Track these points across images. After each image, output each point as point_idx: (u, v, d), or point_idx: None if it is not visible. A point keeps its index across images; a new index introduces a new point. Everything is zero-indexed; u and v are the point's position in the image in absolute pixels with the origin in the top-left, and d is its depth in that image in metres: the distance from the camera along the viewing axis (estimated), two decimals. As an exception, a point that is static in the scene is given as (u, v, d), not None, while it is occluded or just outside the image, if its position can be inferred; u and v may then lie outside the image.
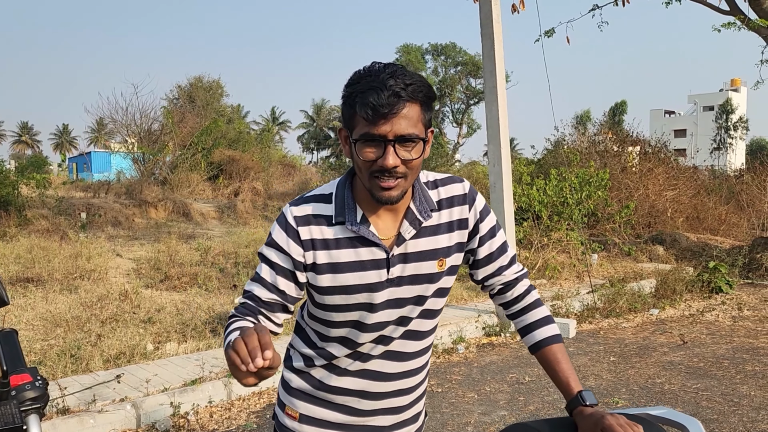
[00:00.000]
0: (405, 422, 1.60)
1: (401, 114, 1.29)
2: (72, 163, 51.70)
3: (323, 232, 1.42)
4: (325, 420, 1.55)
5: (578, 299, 7.73)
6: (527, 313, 1.57)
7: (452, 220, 1.48)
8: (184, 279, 8.46)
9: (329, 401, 1.54)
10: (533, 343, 1.54)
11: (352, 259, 1.41)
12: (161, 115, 25.61)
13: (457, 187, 1.50)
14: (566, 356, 1.50)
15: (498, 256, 1.55)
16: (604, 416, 1.32)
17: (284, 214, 1.45)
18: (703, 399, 4.49)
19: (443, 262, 1.47)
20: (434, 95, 1.36)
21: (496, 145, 6.61)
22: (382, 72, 1.30)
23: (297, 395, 1.57)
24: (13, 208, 13.53)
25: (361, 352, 1.51)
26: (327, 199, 1.45)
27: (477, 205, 1.51)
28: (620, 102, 57.65)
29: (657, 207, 13.60)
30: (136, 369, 4.79)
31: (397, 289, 1.44)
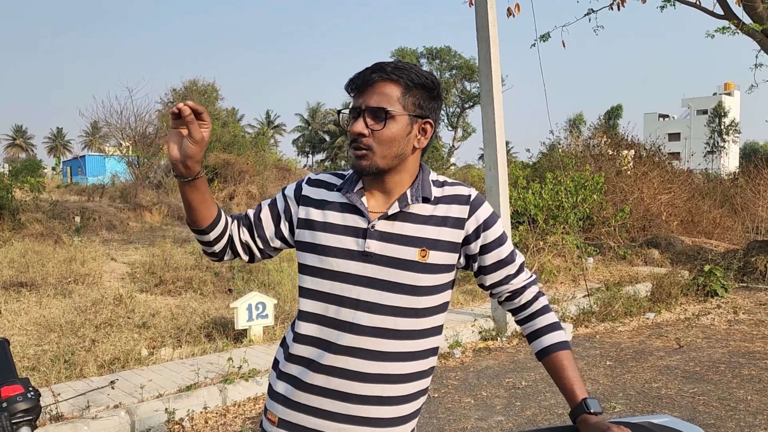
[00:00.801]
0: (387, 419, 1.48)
1: (375, 89, 1.43)
2: (66, 166, 51.53)
3: (323, 195, 1.55)
4: (302, 425, 1.50)
5: (574, 303, 7.73)
6: (535, 319, 1.58)
7: (447, 216, 1.49)
8: (179, 283, 8.43)
9: (306, 404, 1.49)
10: (540, 349, 1.54)
11: (337, 222, 1.50)
12: (156, 118, 25.56)
13: (463, 190, 1.55)
14: (573, 363, 1.50)
15: (505, 265, 1.56)
16: (610, 428, 1.31)
17: (302, 180, 1.62)
18: (699, 404, 4.48)
19: (426, 252, 1.46)
20: (428, 85, 1.46)
21: (493, 148, 6.61)
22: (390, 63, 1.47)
23: (278, 399, 1.55)
24: (7, 212, 13.47)
25: (330, 342, 1.46)
26: (342, 177, 1.58)
27: (480, 213, 1.51)
28: (616, 106, 57.90)
29: (652, 210, 13.63)
30: (130, 375, 4.76)
31: (373, 267, 1.45)
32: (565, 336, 1.55)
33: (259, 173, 25.29)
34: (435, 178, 1.56)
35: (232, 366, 4.71)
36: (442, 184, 1.54)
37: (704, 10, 10.60)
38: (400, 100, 1.43)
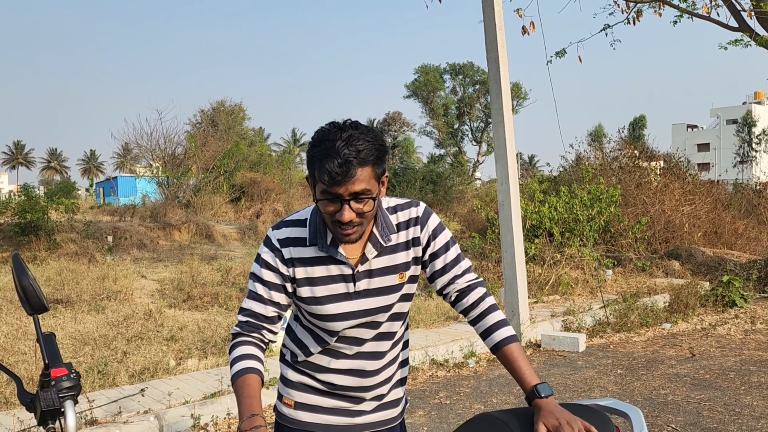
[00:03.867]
0: (385, 405, 1.86)
1: (354, 177, 1.52)
2: (99, 187, 52.85)
3: (300, 252, 1.69)
4: (318, 405, 1.79)
5: (590, 314, 7.84)
6: (484, 318, 1.77)
7: (408, 239, 1.73)
8: (205, 299, 8.76)
9: (320, 389, 1.80)
10: (493, 345, 1.74)
11: (324, 275, 1.68)
12: (185, 139, 26.16)
13: (412, 210, 1.75)
14: (522, 353, 1.71)
15: (451, 268, 1.78)
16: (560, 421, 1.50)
17: (269, 238, 1.72)
18: (705, 409, 4.59)
19: (403, 275, 1.73)
20: (386, 151, 1.61)
21: (504, 164, 6.82)
22: (338, 139, 1.52)
23: (292, 386, 1.82)
24: (43, 232, 14.04)
25: (337, 351, 1.76)
26: (302, 224, 1.71)
27: (429, 225, 1.75)
28: (639, 117, 57.39)
29: (674, 222, 13.61)
30: (159, 383, 5.05)
31: (365, 300, 1.70)
32: (512, 330, 1.76)
33: (285, 191, 25.76)
34: (387, 204, 1.74)
35: (254, 375, 4.96)
36: (394, 210, 1.75)
37: (718, 23, 10.70)
38: (374, 176, 1.57)
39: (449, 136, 56.65)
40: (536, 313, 7.96)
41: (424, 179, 19.90)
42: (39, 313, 1.50)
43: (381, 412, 1.85)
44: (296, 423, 1.80)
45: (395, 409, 1.89)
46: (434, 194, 18.55)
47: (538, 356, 6.45)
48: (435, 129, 56.39)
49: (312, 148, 1.59)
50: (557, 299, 9.03)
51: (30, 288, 1.47)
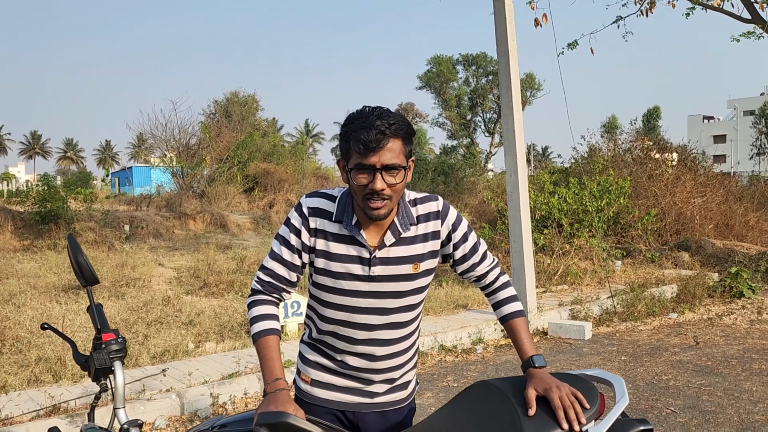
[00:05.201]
0: (396, 388, 2.00)
1: (386, 147, 1.67)
2: (114, 177, 53.41)
3: (325, 225, 1.84)
4: (332, 384, 1.96)
5: (597, 304, 7.98)
6: (496, 293, 2.00)
7: (427, 233, 1.88)
8: (221, 286, 9.00)
9: (334, 369, 1.96)
10: (501, 317, 1.96)
11: (343, 253, 1.83)
12: (199, 129, 26.39)
13: (432, 205, 1.89)
14: (526, 327, 1.91)
15: (471, 256, 1.97)
16: (550, 386, 1.69)
17: (301, 205, 1.87)
18: (704, 393, 4.75)
19: (417, 266, 1.87)
20: (413, 132, 1.77)
21: (513, 156, 6.96)
22: (371, 114, 1.69)
23: (309, 364, 2.00)
24: (63, 221, 14.36)
25: (350, 337, 1.91)
26: (333, 199, 1.85)
27: (449, 220, 1.91)
28: (653, 108, 56.93)
29: (685, 214, 13.65)
30: (179, 364, 5.29)
31: (378, 284, 1.85)
32: (520, 306, 1.96)
33: (298, 182, 25.96)
34: (408, 198, 1.87)
35: (270, 357, 5.18)
36: (415, 203, 1.89)
37: (730, 14, 10.71)
38: (404, 152, 1.72)
39: (462, 128, 56.57)
40: (544, 302, 8.12)
41: (435, 170, 20.02)
42: (92, 285, 1.70)
43: (392, 394, 1.98)
44: (313, 398, 1.97)
45: (405, 391, 2.02)
46: (446, 185, 18.67)
47: (544, 343, 6.62)
48: (447, 120, 56.31)
49: (345, 126, 1.73)
50: (566, 289, 9.17)
51: (84, 264, 1.67)
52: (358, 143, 1.68)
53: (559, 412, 1.65)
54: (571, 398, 1.67)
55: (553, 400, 1.67)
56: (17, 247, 13.45)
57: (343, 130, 1.74)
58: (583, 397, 1.67)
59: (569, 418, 1.64)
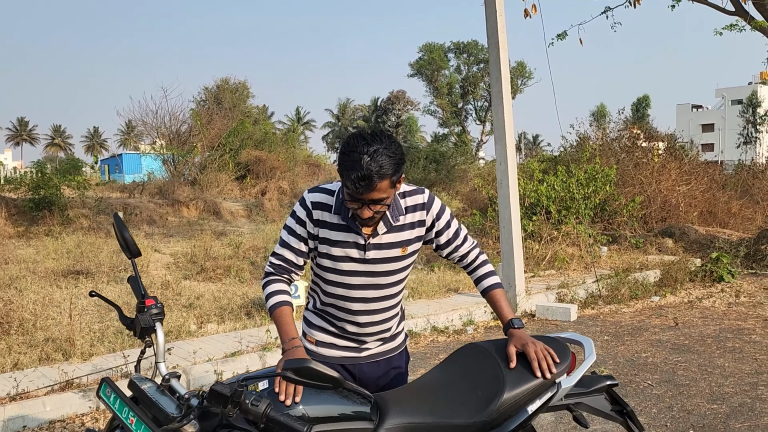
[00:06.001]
0: (387, 341, 2.35)
1: (375, 189, 1.91)
2: (104, 164, 53.17)
3: (326, 216, 2.12)
4: (333, 344, 2.30)
5: (583, 288, 8.28)
6: (476, 270, 2.31)
7: (414, 221, 2.18)
8: (218, 271, 9.22)
9: (335, 332, 2.29)
10: (482, 290, 2.27)
11: (342, 239, 2.13)
12: (190, 117, 26.41)
13: (419, 197, 2.18)
14: (504, 296, 2.19)
15: (453, 240, 2.27)
16: (526, 343, 1.97)
17: (304, 200, 2.15)
18: (680, 369, 5.05)
19: (405, 249, 2.19)
20: (404, 161, 1.99)
21: (503, 145, 7.21)
22: (364, 153, 1.88)
23: (314, 327, 2.33)
24: (57, 208, 14.47)
25: (348, 309, 2.22)
26: (332, 194, 2.13)
27: (433, 210, 2.20)
28: (643, 97, 57.38)
29: (670, 202, 14.00)
30: (183, 344, 5.53)
31: (373, 265, 2.16)
32: (498, 279, 2.26)
33: (290, 169, 26.08)
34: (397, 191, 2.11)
35: (270, 337, 5.44)
36: (404, 195, 2.17)
37: (715, 6, 10.95)
38: (390, 185, 1.94)
39: (453, 116, 56.77)
40: (532, 286, 8.41)
41: (427, 158, 20.25)
42: (135, 257, 1.94)
43: (383, 346, 2.33)
44: (317, 356, 2.29)
45: (395, 342, 2.37)
46: (437, 173, 18.92)
47: (531, 325, 6.91)
48: (439, 108, 56.49)
49: (341, 155, 1.94)
50: (553, 274, 9.47)
51: (129, 239, 1.90)
52: (348, 181, 1.90)
53: (533, 363, 1.94)
54: (544, 352, 1.96)
55: (528, 354, 1.96)
56: (12, 234, 13.56)
57: (339, 157, 1.96)
58: (555, 352, 1.95)
59: (542, 368, 1.93)
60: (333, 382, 1.61)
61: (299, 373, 1.58)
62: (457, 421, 1.85)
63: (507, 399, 1.87)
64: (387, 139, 1.94)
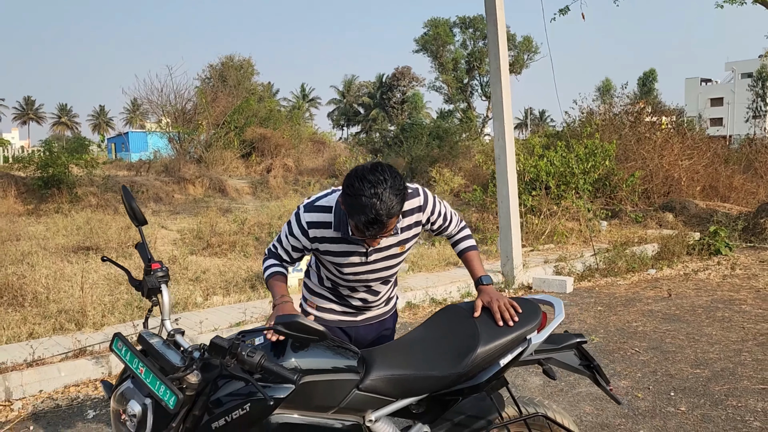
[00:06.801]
0: (382, 306, 2.56)
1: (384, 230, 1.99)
2: (111, 143, 53.36)
3: (324, 233, 2.21)
4: (333, 309, 2.50)
5: (581, 261, 8.44)
6: (456, 237, 2.50)
7: (411, 223, 2.28)
8: (224, 246, 9.44)
9: (335, 300, 2.49)
10: (458, 251, 2.49)
11: (343, 250, 2.24)
12: (195, 95, 26.46)
13: (415, 201, 2.25)
14: (477, 257, 2.41)
15: (443, 224, 2.41)
16: (492, 298, 2.16)
17: (300, 218, 2.21)
18: (668, 337, 5.23)
19: (403, 247, 2.32)
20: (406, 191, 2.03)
21: (501, 121, 7.33)
22: (372, 196, 1.90)
23: (315, 294, 2.53)
24: (65, 186, 14.70)
25: (349, 292, 2.43)
26: (329, 210, 2.20)
27: (428, 209, 2.30)
28: (649, 71, 56.81)
29: (672, 176, 14.07)
30: (189, 315, 5.75)
31: (374, 265, 2.31)
32: (473, 243, 2.45)
33: (295, 147, 26.19)
34: None
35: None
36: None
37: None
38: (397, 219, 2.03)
39: (459, 92, 56.42)
40: (530, 260, 8.58)
41: (430, 135, 20.31)
42: (142, 225, 2.11)
43: (378, 310, 2.54)
44: (318, 320, 2.48)
45: (388, 306, 2.58)
46: (440, 149, 18.99)
47: (528, 296, 7.09)
48: (444, 84, 56.13)
49: (346, 196, 1.96)
50: (552, 248, 9.63)
51: (137, 208, 2.08)
52: (358, 224, 1.96)
53: (496, 315, 2.13)
54: (507, 305, 2.15)
55: (492, 307, 2.15)
56: (21, 212, 13.82)
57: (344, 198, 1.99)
58: (519, 306, 2.14)
59: (504, 319, 2.11)
60: (319, 335, 1.79)
61: (289, 327, 1.76)
62: (436, 373, 2.04)
63: (481, 353, 2.05)
64: (389, 173, 1.96)
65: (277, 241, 2.35)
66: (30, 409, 4.08)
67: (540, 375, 4.39)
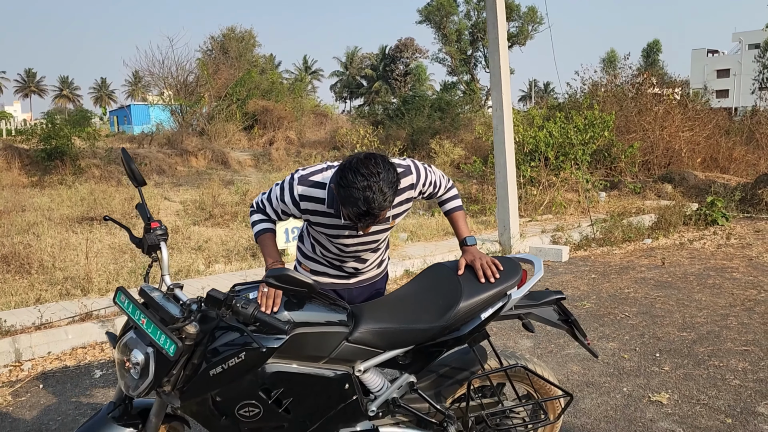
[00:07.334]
0: (374, 269, 2.63)
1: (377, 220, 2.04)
2: (113, 116, 53.25)
3: (316, 206, 2.24)
4: (326, 273, 2.58)
5: (578, 231, 8.55)
6: (443, 197, 2.58)
7: (403, 200, 2.33)
8: (226, 217, 9.57)
9: (328, 265, 2.57)
10: (445, 212, 2.58)
11: (335, 224, 2.29)
12: (196, 67, 26.35)
13: (408, 179, 2.30)
14: (463, 218, 2.49)
15: (433, 191, 2.48)
16: (475, 257, 2.27)
17: (293, 189, 2.23)
18: (658, 303, 5.36)
19: (393, 221, 2.37)
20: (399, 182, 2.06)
21: (498, 91, 7.37)
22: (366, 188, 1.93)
23: (308, 258, 2.61)
24: (68, 158, 14.80)
25: (340, 261, 2.50)
26: (323, 186, 2.22)
27: (420, 185, 2.36)
28: (653, 42, 56.11)
29: (674, 148, 14.08)
30: (192, 282, 5.89)
31: (365, 237, 2.36)
32: (460, 203, 2.54)
33: (297, 119, 26.14)
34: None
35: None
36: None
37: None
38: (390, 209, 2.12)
39: (462, 63, 55.91)
40: (528, 230, 8.69)
41: (432, 107, 20.26)
42: (141, 186, 2.22)
43: (371, 273, 2.63)
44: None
45: (380, 268, 2.67)
46: (442, 121, 18.97)
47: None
48: (448, 56, 55.60)
49: (339, 187, 1.99)
50: (550, 218, 9.73)
51: (136, 170, 2.18)
52: (351, 215, 2.00)
53: (479, 272, 2.24)
54: (489, 263, 2.26)
55: (474, 265, 2.26)
56: (26, 183, 13.96)
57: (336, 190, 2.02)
58: (500, 264, 2.25)
59: (486, 275, 2.22)
60: (308, 287, 1.91)
61: (279, 279, 1.88)
62: (420, 326, 2.16)
63: (463, 307, 2.17)
64: (382, 165, 1.98)
65: (267, 200, 2.34)
66: (39, 369, 4.25)
67: (530, 337, 4.54)
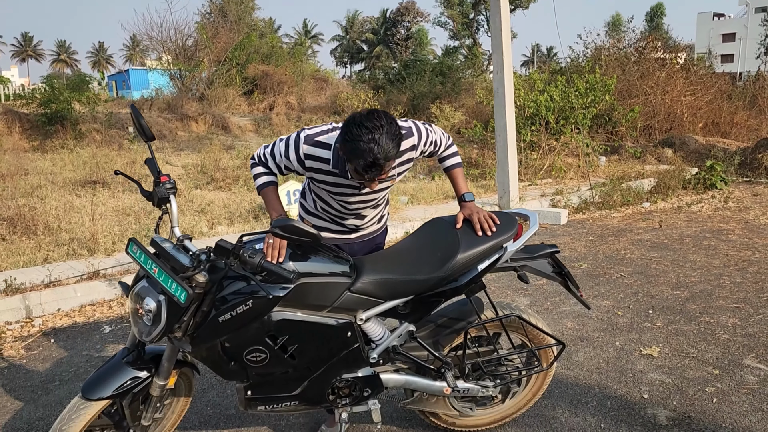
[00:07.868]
0: (374, 224, 2.72)
1: (383, 172, 2.10)
2: (111, 80, 52.76)
3: (321, 166, 2.31)
4: (328, 228, 2.66)
5: (577, 195, 8.62)
6: (443, 155, 2.64)
7: (404, 160, 2.39)
8: (227, 180, 9.64)
9: (329, 220, 2.64)
10: (444, 168, 2.64)
11: (339, 183, 2.35)
12: (195, 30, 26.06)
13: (409, 141, 2.36)
14: (462, 174, 2.56)
15: (437, 150, 2.55)
16: (472, 211, 2.34)
17: (299, 147, 2.29)
18: (653, 263, 5.47)
19: (394, 180, 2.43)
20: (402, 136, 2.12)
21: (499, 54, 7.35)
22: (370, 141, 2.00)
23: (311, 213, 2.69)
24: (69, 122, 14.79)
25: (342, 217, 2.57)
26: (328, 147, 2.28)
27: (421, 146, 2.42)
28: (656, 5, 55.23)
29: (675, 112, 14.04)
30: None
31: (367, 195, 2.43)
32: (459, 160, 2.60)
33: (298, 84, 25.95)
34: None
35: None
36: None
37: None
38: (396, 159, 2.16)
39: (464, 27, 55.15)
40: (528, 193, 8.76)
41: (433, 71, 20.12)
42: (151, 140, 2.29)
43: (371, 228, 2.72)
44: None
45: (380, 223, 2.76)
46: (443, 86, 18.86)
47: (523, 227, 7.31)
48: (450, 20, 54.81)
49: (344, 142, 2.05)
50: (550, 182, 9.79)
51: (145, 125, 2.24)
52: (357, 167, 2.06)
53: (476, 225, 2.33)
54: (486, 217, 2.34)
55: (472, 219, 2.35)
56: (27, 148, 13.99)
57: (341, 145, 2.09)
58: (497, 218, 2.33)
59: (483, 229, 2.31)
60: (312, 237, 2.00)
61: (285, 229, 1.96)
62: (420, 277, 2.25)
63: (461, 258, 2.26)
64: (385, 119, 2.05)
65: (270, 154, 2.38)
66: (50, 325, 4.38)
67: (527, 295, 4.65)
